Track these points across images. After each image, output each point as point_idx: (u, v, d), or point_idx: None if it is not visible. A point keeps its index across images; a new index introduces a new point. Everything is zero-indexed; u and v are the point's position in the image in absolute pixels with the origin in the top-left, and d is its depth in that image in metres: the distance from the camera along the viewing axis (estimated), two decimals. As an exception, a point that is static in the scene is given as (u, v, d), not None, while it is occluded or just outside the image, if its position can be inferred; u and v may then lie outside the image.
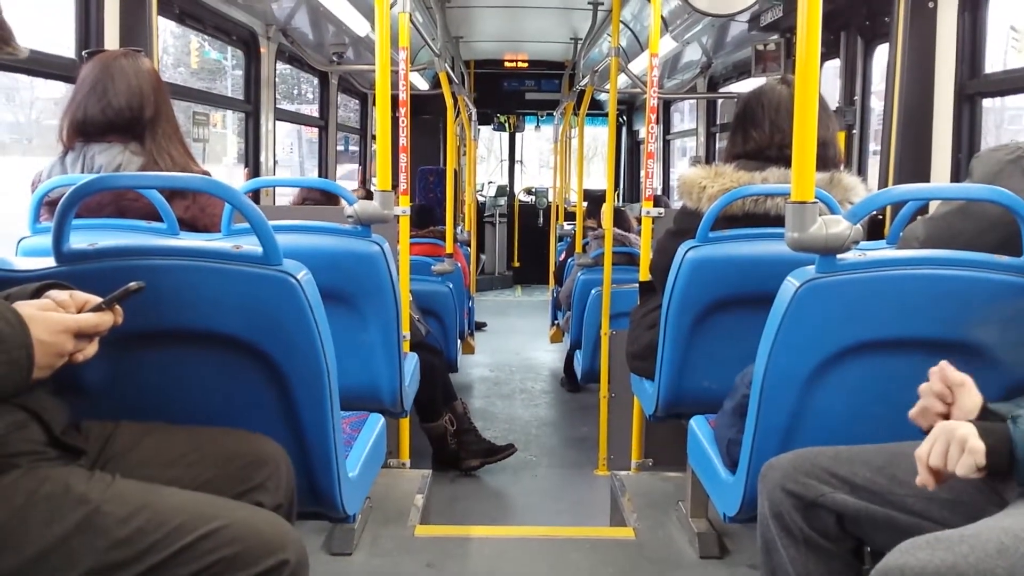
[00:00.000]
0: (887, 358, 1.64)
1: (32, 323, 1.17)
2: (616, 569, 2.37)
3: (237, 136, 5.88)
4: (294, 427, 1.61)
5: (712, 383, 2.28)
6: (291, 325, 1.53)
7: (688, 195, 2.36)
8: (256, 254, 1.51)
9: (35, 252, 2.04)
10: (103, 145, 2.19)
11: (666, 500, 2.77)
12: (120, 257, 1.51)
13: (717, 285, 2.26)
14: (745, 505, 1.79)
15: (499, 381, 6.29)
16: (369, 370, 2.34)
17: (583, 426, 4.97)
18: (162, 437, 1.45)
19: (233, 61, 6.51)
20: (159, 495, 1.26)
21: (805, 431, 1.68)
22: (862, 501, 1.45)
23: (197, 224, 2.27)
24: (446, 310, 4.65)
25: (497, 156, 12.36)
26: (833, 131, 2.38)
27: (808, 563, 1.50)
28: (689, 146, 8.04)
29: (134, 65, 2.25)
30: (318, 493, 1.70)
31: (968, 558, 1.08)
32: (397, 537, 2.51)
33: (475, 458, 4.14)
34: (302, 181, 5.39)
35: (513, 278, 11.30)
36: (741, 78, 5.75)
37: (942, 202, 1.83)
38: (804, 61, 1.54)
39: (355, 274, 2.27)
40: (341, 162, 7.24)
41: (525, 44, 9.17)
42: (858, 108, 3.76)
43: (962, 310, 1.60)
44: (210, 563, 1.20)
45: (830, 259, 1.58)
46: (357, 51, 6.04)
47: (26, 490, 1.18)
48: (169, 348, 1.56)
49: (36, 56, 2.58)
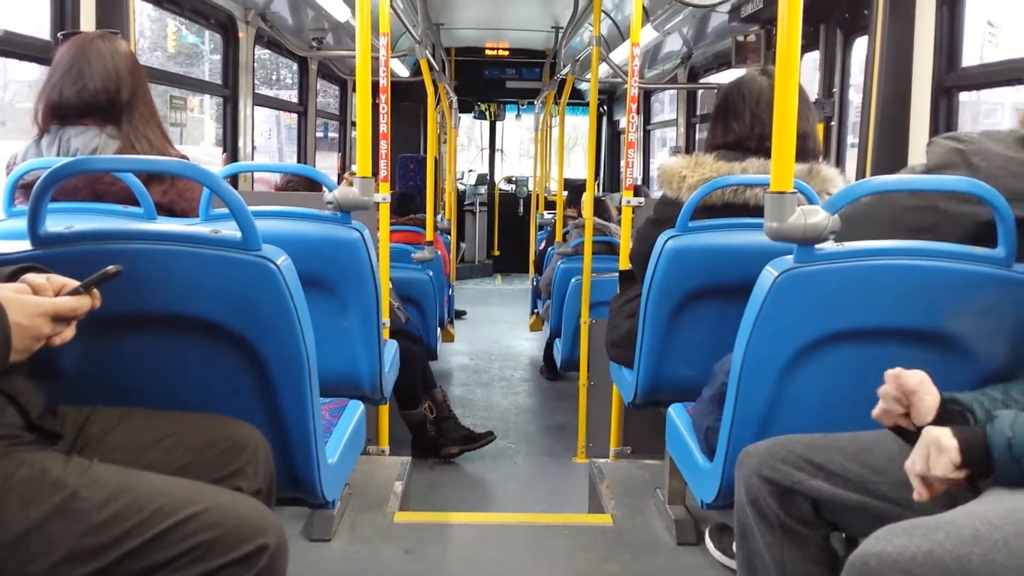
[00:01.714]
0: (864, 347, 1.66)
1: (9, 306, 1.15)
2: (594, 555, 2.38)
3: (215, 121, 5.83)
4: (273, 413, 1.60)
5: (690, 371, 2.30)
6: (270, 311, 1.52)
7: (668, 185, 2.37)
8: (235, 239, 1.50)
9: (10, 235, 2.01)
10: (79, 128, 2.16)
11: (644, 487, 2.79)
12: (97, 241, 1.49)
13: (696, 274, 2.27)
14: (722, 492, 1.81)
15: (478, 369, 6.30)
16: (349, 357, 2.34)
17: (562, 414, 4.99)
18: (139, 422, 1.44)
19: (211, 45, 6.44)
20: (137, 479, 1.25)
21: (782, 419, 1.70)
22: (837, 488, 1.47)
23: (175, 209, 2.25)
24: (426, 298, 4.65)
25: (477, 144, 12.33)
26: (813, 123, 2.40)
27: (784, 549, 1.52)
28: (669, 136, 8.07)
29: (111, 47, 2.22)
30: (297, 479, 1.69)
31: (944, 544, 1.10)
32: (376, 523, 2.51)
33: (454, 445, 4.15)
34: (281, 167, 5.35)
35: (493, 266, 11.29)
36: (721, 69, 5.76)
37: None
38: (784, 53, 1.55)
39: (335, 261, 2.26)
40: (321, 149, 7.19)
41: (506, 32, 9.15)
42: (837, 100, 3.78)
43: (938, 300, 1.62)
44: (189, 548, 1.19)
45: (808, 249, 1.60)
46: (337, 36, 6.00)
47: (2, 474, 1.17)
48: (147, 333, 1.55)
49: (10, 37, 2.54)
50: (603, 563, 2.35)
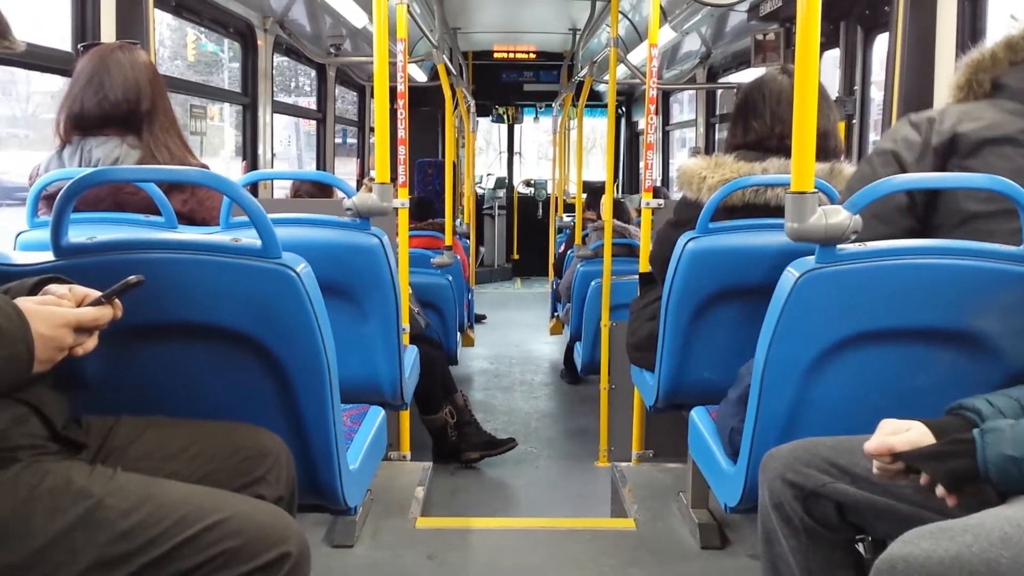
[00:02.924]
0: (887, 348, 1.64)
1: (32, 317, 1.16)
2: (617, 560, 2.37)
3: (235, 129, 5.88)
4: (294, 420, 1.61)
5: (712, 374, 2.28)
6: (290, 318, 1.53)
7: (688, 186, 2.35)
8: (255, 247, 1.51)
9: (33, 246, 2.04)
10: (100, 138, 2.19)
11: (667, 491, 2.78)
12: (119, 251, 1.50)
13: (717, 276, 2.26)
14: (746, 495, 1.79)
15: (499, 373, 6.29)
16: (369, 363, 2.34)
17: (583, 418, 4.97)
18: (162, 431, 1.45)
19: (230, 54, 6.49)
20: (161, 488, 1.26)
21: (805, 421, 1.68)
22: (863, 491, 1.45)
23: (195, 217, 2.27)
24: (445, 303, 4.65)
25: (496, 148, 12.34)
26: (834, 121, 2.38)
27: (808, 553, 1.50)
28: (688, 137, 8.04)
29: (130, 58, 2.24)
30: (319, 485, 1.70)
31: (972, 548, 1.08)
32: (398, 529, 2.51)
33: (475, 450, 4.14)
34: (300, 174, 5.38)
35: (512, 270, 11.28)
36: (740, 68, 5.73)
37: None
38: (804, 51, 1.53)
39: (354, 267, 2.27)
40: (340, 155, 7.23)
41: (523, 35, 9.15)
42: (858, 98, 3.75)
43: (962, 299, 1.59)
44: (212, 556, 1.20)
45: (830, 249, 1.58)
46: (355, 43, 6.03)
47: (28, 484, 1.18)
48: (169, 342, 1.56)
49: (33, 49, 2.57)
50: (627, 568, 2.33)
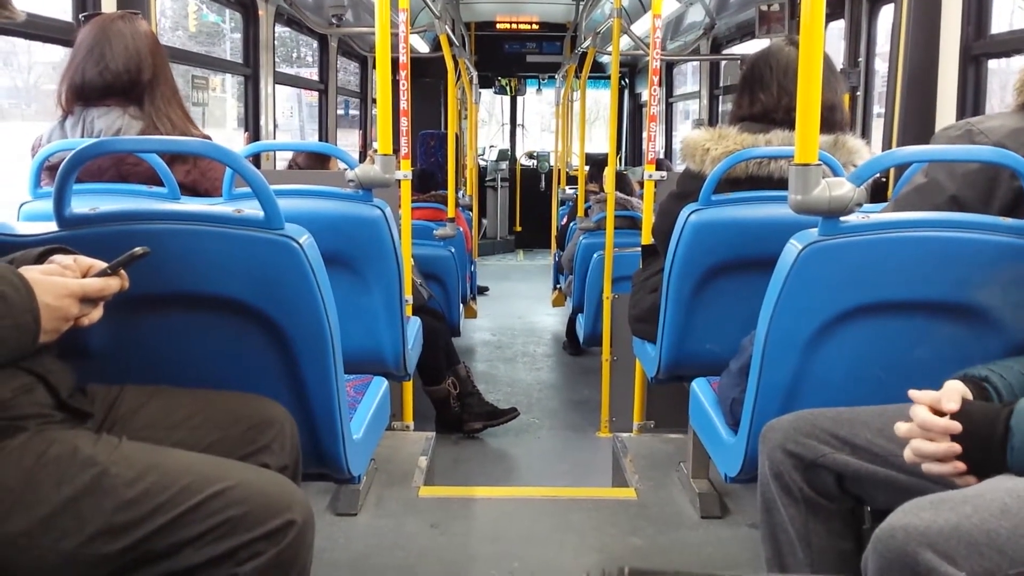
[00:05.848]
0: (889, 320, 1.64)
1: (37, 287, 1.17)
2: (618, 529, 2.40)
3: (237, 100, 5.85)
4: (298, 390, 1.62)
5: (714, 346, 2.29)
6: (293, 289, 1.53)
7: (691, 158, 2.34)
8: (258, 218, 1.51)
9: (37, 217, 2.04)
10: (102, 109, 2.18)
11: (667, 461, 2.80)
12: (122, 221, 1.50)
13: (719, 248, 2.26)
14: (746, 466, 1.80)
15: (501, 345, 6.31)
16: (372, 334, 2.35)
17: (585, 389, 4.99)
18: (167, 400, 1.46)
19: (232, 24, 6.44)
20: (166, 457, 1.27)
21: (806, 393, 1.69)
22: (863, 462, 1.46)
23: (198, 188, 2.27)
24: (448, 274, 4.65)
25: (498, 120, 12.27)
26: (840, 94, 2.36)
27: (808, 522, 1.52)
28: (692, 109, 7.98)
29: (131, 28, 2.23)
30: (323, 454, 1.71)
31: (972, 518, 1.09)
32: (401, 498, 2.54)
33: (478, 421, 4.17)
34: (303, 145, 5.36)
35: (515, 242, 11.27)
36: (745, 39, 5.68)
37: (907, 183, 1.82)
38: (808, 22, 1.52)
39: (357, 238, 2.27)
40: (342, 127, 7.19)
41: (526, 5, 9.06)
42: (862, 70, 3.72)
43: (965, 272, 1.59)
44: (217, 523, 1.21)
45: (833, 222, 1.58)
46: (356, 13, 5.97)
47: (35, 452, 1.19)
48: (173, 312, 1.56)
49: (33, 19, 2.55)
50: (627, 536, 2.36)
